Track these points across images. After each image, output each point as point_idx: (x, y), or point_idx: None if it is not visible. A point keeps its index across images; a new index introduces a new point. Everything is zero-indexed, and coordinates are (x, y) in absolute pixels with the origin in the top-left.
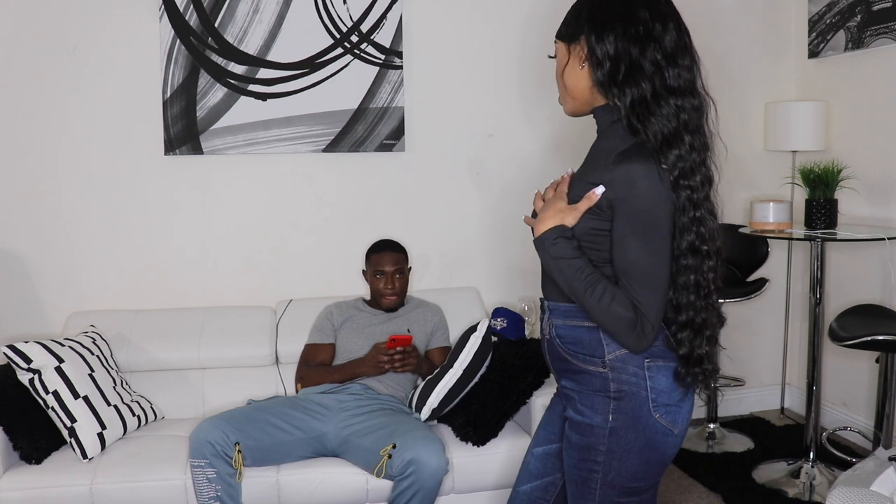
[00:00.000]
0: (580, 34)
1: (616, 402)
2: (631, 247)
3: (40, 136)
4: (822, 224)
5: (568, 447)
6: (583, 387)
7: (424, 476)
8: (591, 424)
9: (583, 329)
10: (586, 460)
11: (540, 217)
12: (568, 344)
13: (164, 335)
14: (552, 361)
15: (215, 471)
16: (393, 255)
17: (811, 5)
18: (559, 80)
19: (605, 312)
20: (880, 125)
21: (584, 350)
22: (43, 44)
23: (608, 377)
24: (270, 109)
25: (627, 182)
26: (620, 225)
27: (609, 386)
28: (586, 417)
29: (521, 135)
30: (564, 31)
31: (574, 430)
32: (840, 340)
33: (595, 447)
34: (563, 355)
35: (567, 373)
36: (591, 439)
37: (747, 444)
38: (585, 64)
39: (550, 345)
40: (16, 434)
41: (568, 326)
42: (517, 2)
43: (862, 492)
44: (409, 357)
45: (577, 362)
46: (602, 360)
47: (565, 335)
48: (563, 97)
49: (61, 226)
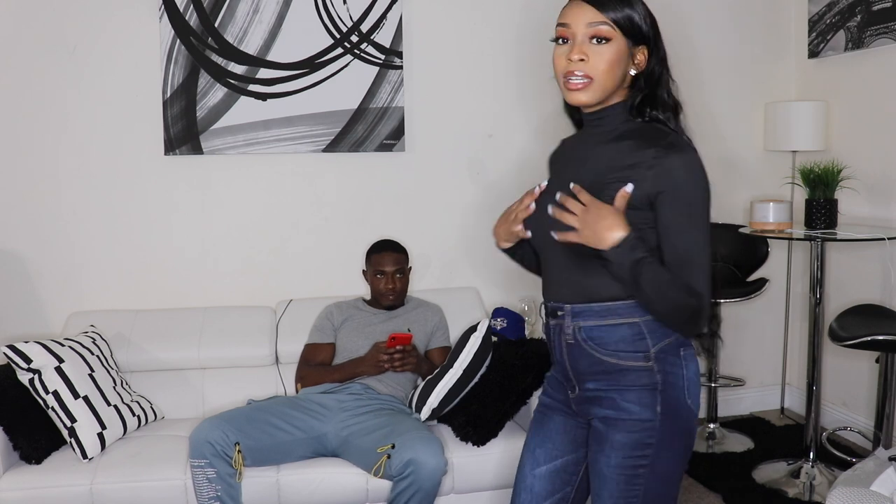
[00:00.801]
0: (645, 43)
1: (662, 393)
2: (690, 235)
3: (40, 136)
4: (822, 224)
5: (609, 449)
6: (623, 384)
7: (423, 476)
8: (639, 420)
9: (624, 326)
10: (633, 456)
11: (602, 226)
12: (605, 344)
13: (164, 335)
14: (576, 365)
15: (215, 471)
16: (394, 255)
17: (811, 5)
18: (604, 70)
19: (679, 302)
20: (880, 125)
21: (627, 347)
22: (43, 44)
23: (653, 369)
24: (270, 109)
25: (681, 172)
26: (676, 215)
27: (655, 378)
28: (633, 414)
29: (521, 135)
30: (627, 25)
31: (617, 429)
32: (840, 340)
33: (644, 441)
34: (598, 357)
35: (600, 374)
36: (639, 434)
37: (747, 444)
38: (634, 70)
39: (576, 349)
40: (16, 434)
41: (606, 326)
42: (517, 2)
43: (862, 492)
44: (408, 356)
45: (615, 361)
46: (646, 355)
47: (602, 335)
48: (592, 86)
49: (61, 226)
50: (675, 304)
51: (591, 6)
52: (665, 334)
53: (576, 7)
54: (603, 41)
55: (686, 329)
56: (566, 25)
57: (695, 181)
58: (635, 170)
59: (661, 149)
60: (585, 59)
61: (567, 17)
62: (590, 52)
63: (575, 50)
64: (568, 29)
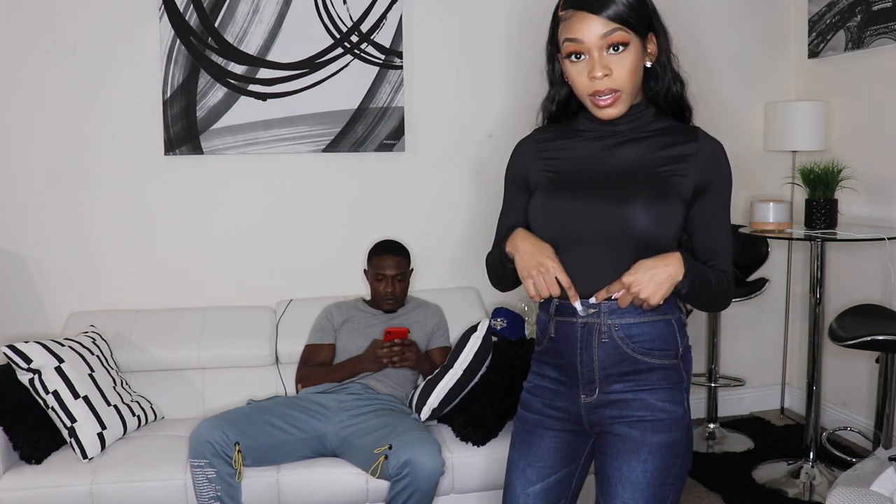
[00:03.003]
0: (651, 30)
1: (686, 391)
2: (724, 224)
3: (40, 136)
4: (822, 224)
5: (647, 454)
6: (653, 384)
7: (420, 477)
8: (675, 419)
9: (661, 323)
10: (670, 456)
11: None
12: (643, 342)
13: (164, 335)
14: (605, 366)
15: (215, 471)
16: (395, 260)
17: (811, 5)
18: (629, 79)
19: (729, 291)
20: (880, 125)
21: (663, 345)
22: (43, 44)
23: (680, 367)
24: (270, 109)
25: (725, 162)
26: (722, 204)
27: (682, 376)
28: (669, 413)
29: (521, 135)
30: (636, 22)
31: (656, 430)
32: (840, 340)
33: (680, 440)
34: (633, 356)
35: (629, 374)
36: (677, 434)
37: (747, 444)
38: (650, 62)
39: (608, 347)
40: (16, 434)
41: (644, 324)
42: (517, 2)
43: (862, 492)
44: (407, 350)
45: (650, 359)
46: (676, 352)
47: (641, 333)
48: (622, 98)
49: (61, 226)
50: (726, 294)
51: (598, 16)
52: (685, 332)
53: (583, 20)
54: (620, 48)
55: (720, 307)
56: (578, 41)
57: (729, 169)
58: (685, 162)
59: (703, 141)
60: (610, 74)
61: (576, 32)
62: (611, 63)
63: (597, 67)
64: (581, 44)
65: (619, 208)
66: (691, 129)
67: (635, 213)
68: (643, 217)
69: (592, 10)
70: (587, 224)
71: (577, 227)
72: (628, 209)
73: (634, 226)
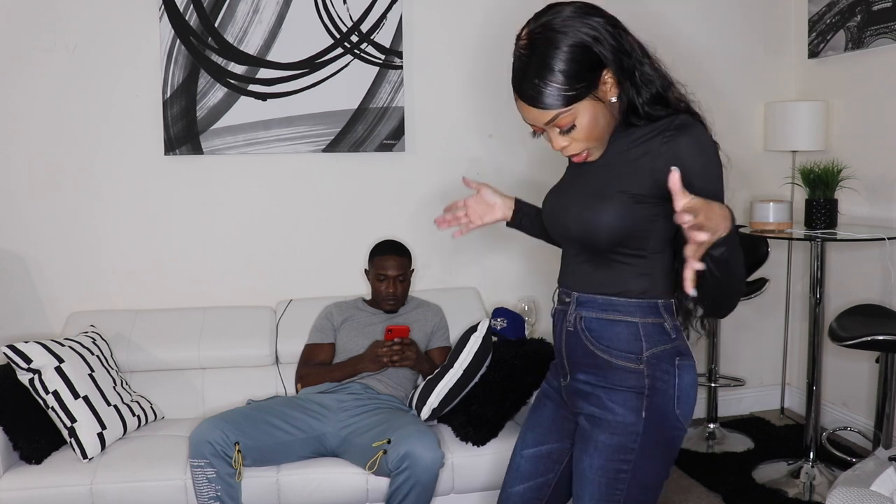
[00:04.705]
0: (602, 68)
1: (649, 399)
2: None
3: (40, 136)
4: (822, 224)
5: (593, 449)
6: (611, 383)
7: (419, 470)
8: (623, 422)
9: (622, 324)
10: (615, 460)
11: (717, 218)
12: (600, 338)
13: (164, 335)
14: (571, 353)
15: (215, 471)
16: (397, 260)
17: (811, 5)
18: (592, 133)
19: (740, 286)
20: (880, 125)
21: (620, 346)
22: (43, 44)
23: (643, 373)
24: (270, 109)
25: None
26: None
27: (644, 383)
28: (618, 415)
29: (521, 135)
30: (577, 93)
31: (602, 429)
32: (840, 340)
33: (627, 446)
34: (591, 349)
35: (590, 367)
36: (622, 438)
37: (747, 444)
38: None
39: (573, 337)
40: (16, 434)
41: (603, 320)
42: (517, 2)
43: (862, 492)
44: (407, 349)
45: (607, 357)
46: (638, 357)
47: (597, 328)
48: (593, 149)
49: (61, 226)
50: (738, 287)
51: (535, 108)
52: (661, 340)
53: (524, 108)
54: (569, 128)
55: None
56: (529, 123)
57: (706, 161)
58: (644, 158)
59: (669, 134)
60: (569, 143)
61: (525, 117)
62: (568, 136)
63: (554, 144)
64: (535, 125)
65: (569, 211)
66: (668, 123)
67: (572, 213)
68: (577, 220)
69: (528, 102)
70: (562, 223)
71: (558, 226)
72: (573, 211)
73: (569, 227)
